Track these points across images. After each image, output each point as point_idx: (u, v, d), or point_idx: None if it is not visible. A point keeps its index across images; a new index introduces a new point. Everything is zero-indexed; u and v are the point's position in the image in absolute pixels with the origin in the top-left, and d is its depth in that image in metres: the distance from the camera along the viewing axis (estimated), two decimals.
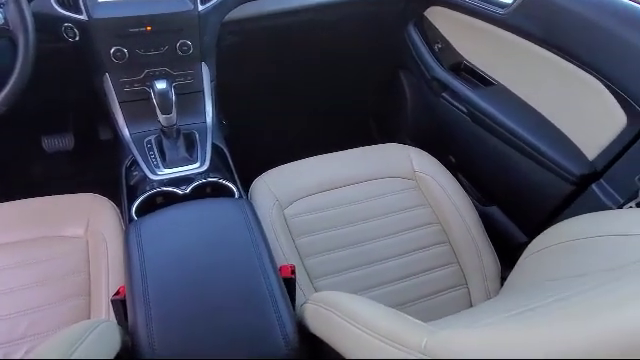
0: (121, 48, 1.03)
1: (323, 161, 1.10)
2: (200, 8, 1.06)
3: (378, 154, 1.13)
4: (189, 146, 1.08)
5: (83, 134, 1.56)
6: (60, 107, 1.49)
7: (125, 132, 1.09)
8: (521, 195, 1.07)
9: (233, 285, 0.67)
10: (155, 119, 1.02)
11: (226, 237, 0.75)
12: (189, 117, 1.13)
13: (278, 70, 1.55)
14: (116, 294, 0.71)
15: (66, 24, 1.00)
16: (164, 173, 1.01)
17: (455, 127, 1.23)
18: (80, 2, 0.99)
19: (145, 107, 1.06)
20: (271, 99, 1.61)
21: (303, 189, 1.02)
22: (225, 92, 1.28)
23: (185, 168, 1.02)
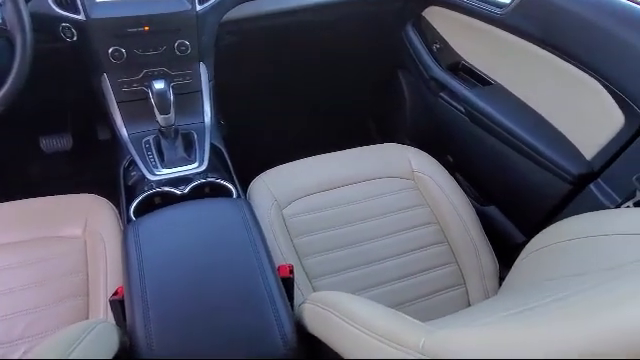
0: (119, 48, 1.02)
1: (321, 161, 1.09)
2: (198, 8, 1.05)
3: (376, 154, 1.13)
4: (187, 146, 1.08)
5: (81, 134, 1.56)
6: (58, 107, 1.49)
7: (123, 132, 1.09)
8: (519, 195, 1.07)
9: (231, 285, 0.67)
10: (153, 119, 1.01)
11: (224, 237, 0.75)
12: (187, 117, 1.13)
13: (276, 70, 1.55)
14: (114, 294, 0.71)
15: (64, 24, 1.00)
16: (162, 173, 1.01)
17: (453, 127, 1.23)
18: (78, 2, 0.99)
19: (143, 107, 1.06)
20: (269, 99, 1.61)
21: (301, 189, 1.02)
22: (223, 92, 1.28)
23: (183, 168, 1.02)
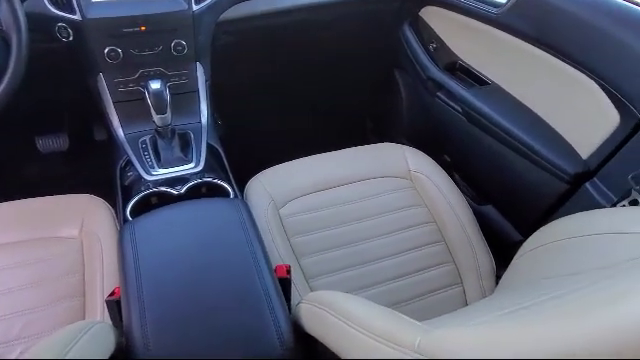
0: (115, 48, 1.02)
1: (318, 161, 1.09)
2: (194, 8, 1.05)
3: (373, 154, 1.13)
4: (184, 146, 1.08)
5: (78, 134, 1.55)
6: (54, 107, 1.48)
7: (119, 132, 1.09)
8: (516, 194, 1.07)
9: (228, 285, 0.67)
10: (150, 119, 1.01)
11: (221, 237, 0.74)
12: (184, 117, 1.13)
13: (273, 70, 1.55)
14: (111, 295, 0.70)
15: (60, 24, 0.99)
16: (159, 173, 1.01)
17: (450, 126, 1.23)
18: (74, 2, 0.99)
19: (140, 107, 1.06)
20: (266, 99, 1.61)
21: (298, 189, 1.02)
22: (220, 92, 1.27)
23: (180, 168, 1.02)
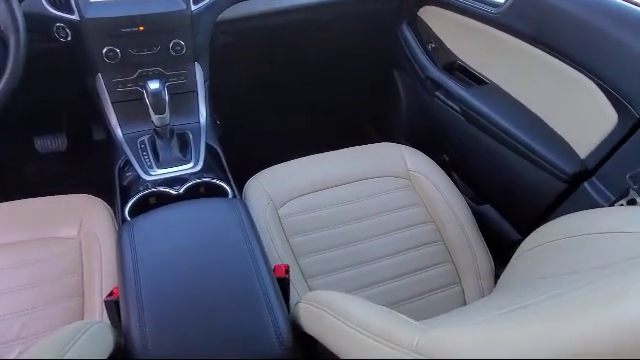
0: (113, 48, 1.02)
1: (317, 161, 1.09)
2: (193, 8, 1.05)
3: (372, 153, 1.13)
4: (183, 146, 1.08)
5: (76, 134, 1.55)
6: (52, 107, 1.48)
7: (118, 132, 1.09)
8: (514, 193, 1.07)
9: (227, 285, 0.67)
10: (148, 119, 1.01)
11: (220, 237, 0.74)
12: (183, 117, 1.13)
13: (272, 70, 1.55)
14: (110, 295, 0.70)
15: (58, 24, 0.99)
16: (157, 173, 1.01)
17: (449, 126, 1.23)
18: (72, 2, 0.99)
19: (138, 107, 1.06)
20: (265, 99, 1.61)
21: (297, 189, 1.02)
22: (218, 92, 1.27)
23: (179, 168, 1.02)
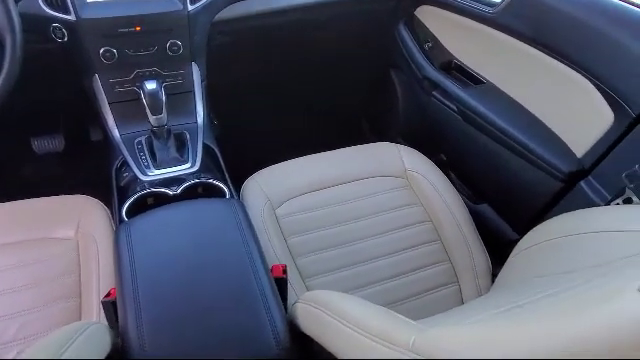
0: (110, 48, 1.02)
1: (314, 161, 1.09)
2: (190, 8, 1.05)
3: (369, 153, 1.13)
4: (180, 146, 1.08)
5: (73, 135, 1.55)
6: (49, 108, 1.48)
7: (115, 133, 1.09)
8: (511, 193, 1.07)
9: (224, 285, 0.67)
10: (145, 120, 1.01)
11: (217, 237, 0.74)
12: (180, 117, 1.13)
13: (269, 70, 1.55)
14: (107, 296, 0.70)
15: (54, 24, 0.99)
16: (155, 174, 1.01)
17: (446, 126, 1.24)
18: (68, 2, 0.98)
19: (135, 108, 1.05)
20: (262, 99, 1.61)
21: (294, 189, 1.02)
22: (216, 92, 1.27)
23: (176, 169, 1.02)
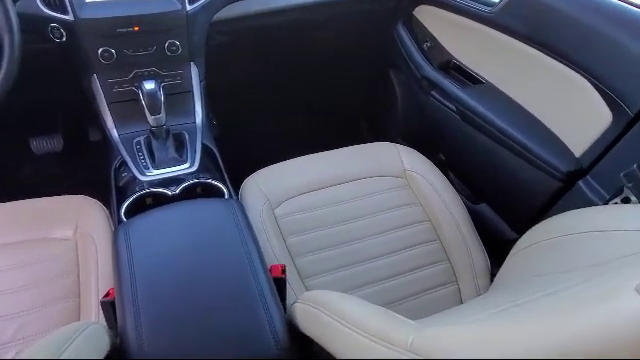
0: (109, 48, 1.02)
1: (313, 160, 1.09)
2: (188, 8, 1.05)
3: (368, 153, 1.13)
4: (179, 146, 1.08)
5: (72, 135, 1.55)
6: (48, 108, 1.48)
7: (114, 133, 1.09)
8: (510, 192, 1.07)
9: (223, 285, 0.67)
10: (144, 120, 1.01)
11: (216, 238, 0.74)
12: (178, 117, 1.13)
13: (268, 70, 1.55)
14: (106, 296, 0.70)
15: (52, 24, 0.99)
16: (153, 174, 1.01)
17: (445, 125, 1.24)
18: (66, 2, 0.98)
19: (134, 108, 1.05)
20: (261, 99, 1.60)
21: (293, 189, 1.02)
22: (214, 92, 1.27)
23: (175, 169, 1.02)
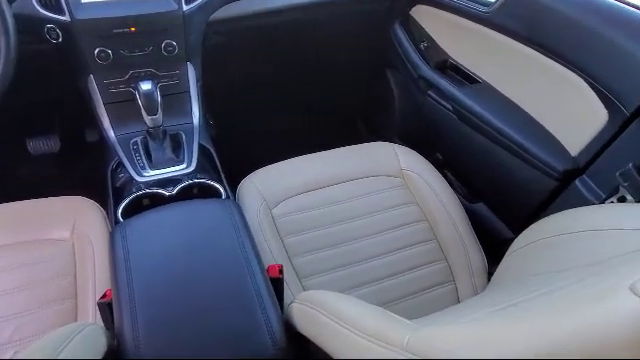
0: (105, 49, 1.02)
1: (310, 160, 1.09)
2: (185, 8, 1.05)
3: (365, 152, 1.13)
4: (175, 147, 1.07)
5: (69, 136, 1.55)
6: (44, 109, 1.47)
7: (110, 134, 1.08)
8: (507, 191, 1.08)
9: (220, 286, 0.67)
10: (141, 120, 1.01)
11: (213, 238, 0.74)
12: (175, 118, 1.13)
13: (264, 70, 1.54)
14: (103, 297, 0.70)
15: (48, 25, 0.99)
16: (150, 174, 1.00)
17: (442, 125, 1.24)
18: (62, 3, 0.98)
19: (131, 108, 1.05)
20: (258, 99, 1.60)
21: (291, 189, 1.02)
22: (211, 92, 1.27)
23: (171, 169, 1.02)
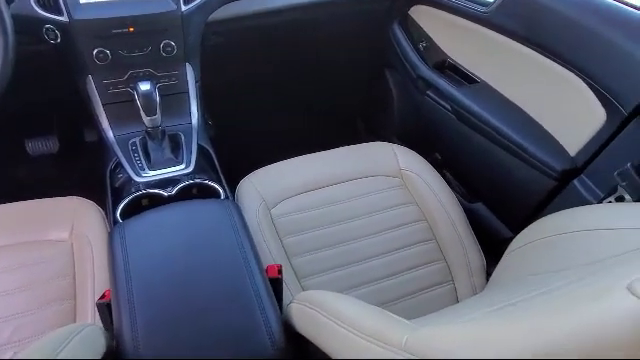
0: (103, 49, 1.02)
1: (309, 161, 1.10)
2: (183, 8, 1.05)
3: (364, 153, 1.13)
4: (174, 147, 1.07)
5: (67, 136, 1.54)
6: (43, 110, 1.47)
7: (109, 134, 1.08)
8: (505, 191, 1.08)
9: (218, 286, 0.67)
10: (139, 121, 1.01)
11: (211, 238, 0.74)
12: (174, 118, 1.13)
13: (263, 70, 1.55)
14: (102, 297, 0.70)
15: (47, 26, 0.99)
16: (149, 175, 1.00)
17: (440, 125, 1.24)
18: (61, 3, 0.98)
19: (129, 109, 1.05)
20: (257, 99, 1.60)
21: (290, 189, 1.02)
22: (210, 92, 1.27)
23: (170, 170, 1.02)
